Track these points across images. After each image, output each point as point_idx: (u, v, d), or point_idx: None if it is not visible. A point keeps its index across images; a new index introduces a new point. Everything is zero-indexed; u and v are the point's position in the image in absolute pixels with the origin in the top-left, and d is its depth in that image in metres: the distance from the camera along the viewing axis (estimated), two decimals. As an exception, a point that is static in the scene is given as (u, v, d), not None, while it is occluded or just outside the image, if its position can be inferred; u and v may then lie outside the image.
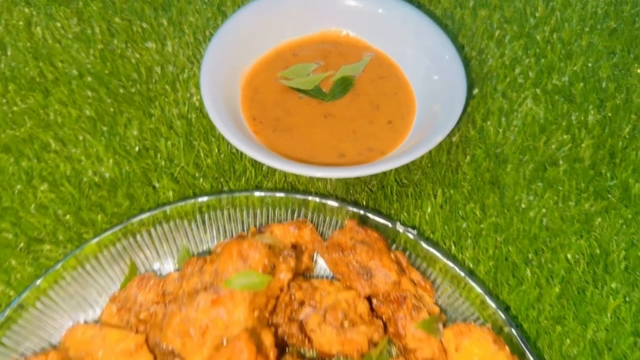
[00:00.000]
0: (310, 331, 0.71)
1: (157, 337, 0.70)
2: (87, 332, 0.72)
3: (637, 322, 0.86)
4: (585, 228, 0.93)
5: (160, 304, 0.74)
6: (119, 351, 0.69)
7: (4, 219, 0.88)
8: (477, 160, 0.99)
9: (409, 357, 0.73)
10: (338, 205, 0.84)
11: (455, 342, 0.74)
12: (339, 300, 0.73)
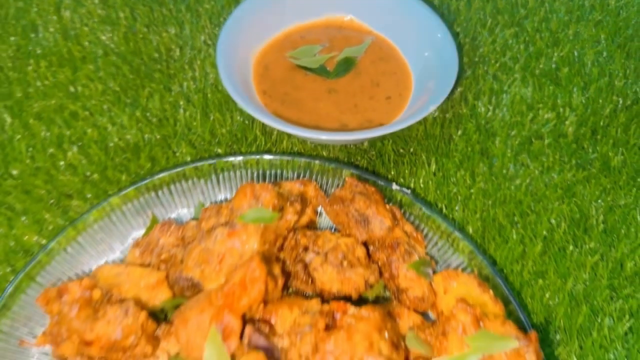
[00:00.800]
0: (313, 270, 0.79)
1: (176, 274, 0.78)
2: (114, 269, 0.80)
3: (612, 278, 0.94)
4: (567, 195, 1.01)
5: (180, 247, 0.83)
6: (142, 286, 0.78)
7: (37, 177, 0.97)
8: (468, 133, 1.07)
9: (401, 297, 0.81)
10: (339, 167, 0.93)
11: (443, 285, 0.82)
12: (339, 244, 0.81)
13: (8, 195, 0.95)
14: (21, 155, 0.99)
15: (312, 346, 0.63)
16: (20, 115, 1.04)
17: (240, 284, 0.65)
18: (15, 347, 0.80)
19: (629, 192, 1.02)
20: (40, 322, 0.81)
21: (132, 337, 0.69)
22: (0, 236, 0.91)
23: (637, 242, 0.97)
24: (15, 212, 0.94)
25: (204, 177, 0.94)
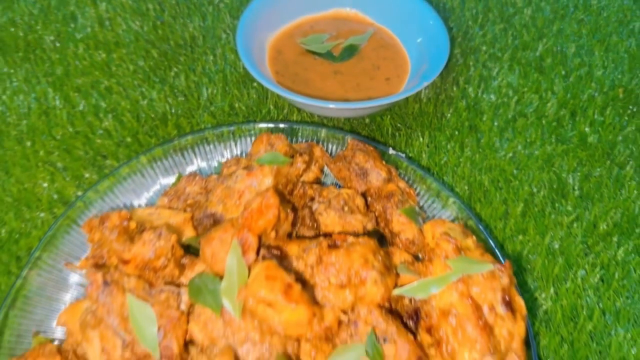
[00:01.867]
0: (318, 214, 0.91)
1: (200, 214, 0.90)
2: (146, 210, 0.92)
3: (586, 236, 1.04)
4: (546, 165, 1.13)
5: (203, 194, 0.95)
6: (170, 223, 0.90)
7: (76, 140, 1.10)
8: (458, 111, 1.20)
9: (394, 240, 0.92)
10: (343, 134, 1.05)
11: (432, 231, 0.93)
12: (341, 193, 0.93)
13: (51, 155, 1.08)
14: (62, 122, 1.12)
15: (316, 257, 0.74)
16: (62, 89, 1.18)
17: (257, 209, 0.77)
18: (56, 279, 0.92)
19: (603, 164, 1.14)
20: (79, 257, 0.93)
21: (162, 259, 0.81)
22: (44, 189, 1.04)
23: (609, 206, 1.08)
24: (57, 168, 1.06)
25: (224, 142, 1.07)
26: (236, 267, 0.73)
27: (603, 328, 0.96)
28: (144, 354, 0.74)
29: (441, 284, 0.77)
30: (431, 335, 0.79)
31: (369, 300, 0.78)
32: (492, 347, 0.74)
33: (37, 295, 0.89)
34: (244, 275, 0.74)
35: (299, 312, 0.68)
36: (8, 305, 0.87)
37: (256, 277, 0.69)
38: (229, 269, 0.73)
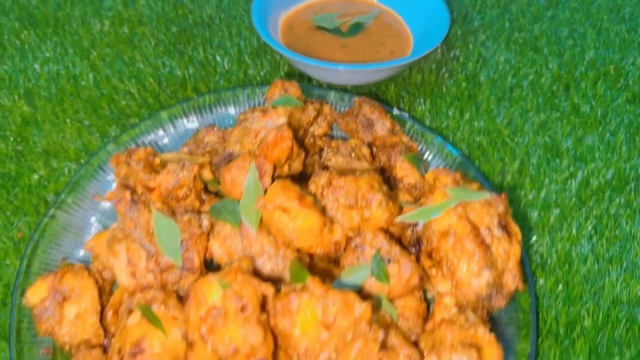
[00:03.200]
0: (327, 160, 0.98)
1: (218, 159, 0.97)
2: (167, 154, 0.99)
3: (580, 190, 1.11)
4: (542, 129, 1.20)
5: (221, 143, 1.02)
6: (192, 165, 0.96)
7: (102, 101, 1.18)
8: (458, 82, 1.27)
9: (397, 185, 0.99)
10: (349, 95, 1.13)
11: (433, 177, 0.99)
12: (349, 142, 1.00)
13: (78, 113, 1.16)
14: (89, 85, 1.21)
15: (326, 180, 0.81)
16: (88, 58, 1.27)
17: (273, 141, 0.84)
18: (81, 217, 0.98)
19: (595, 130, 1.21)
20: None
21: (185, 189, 0.87)
22: (72, 142, 1.11)
23: (601, 165, 1.14)
24: (83, 125, 1.14)
25: (239, 104, 1.14)
26: (253, 187, 0.80)
27: (597, 272, 1.01)
28: (167, 265, 0.80)
29: (441, 209, 0.84)
30: (432, 259, 0.85)
31: (374, 223, 0.84)
32: (490, 263, 0.79)
33: (64, 230, 0.96)
34: (261, 195, 0.80)
35: (311, 218, 0.74)
36: (37, 236, 0.93)
37: (273, 188, 0.76)
38: (246, 189, 0.80)
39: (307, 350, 0.69)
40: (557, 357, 0.91)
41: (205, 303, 0.67)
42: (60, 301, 0.80)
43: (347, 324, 0.68)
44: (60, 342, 0.81)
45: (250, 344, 0.64)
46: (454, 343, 0.72)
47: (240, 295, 0.65)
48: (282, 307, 0.69)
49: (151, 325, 0.74)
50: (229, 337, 0.65)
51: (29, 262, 0.91)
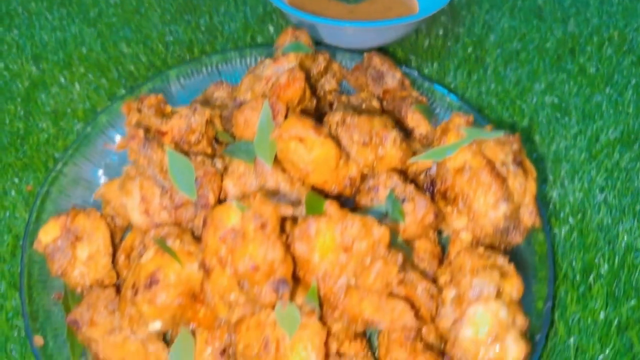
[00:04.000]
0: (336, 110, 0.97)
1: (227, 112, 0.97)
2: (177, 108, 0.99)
3: (590, 145, 1.10)
4: (549, 89, 1.20)
5: (231, 98, 1.01)
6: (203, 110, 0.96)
7: (109, 64, 1.18)
8: (465, 46, 1.28)
9: (409, 136, 0.98)
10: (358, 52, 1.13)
11: (444, 126, 0.99)
12: (359, 94, 1.00)
13: (86, 76, 1.16)
14: (97, 49, 1.21)
15: (340, 118, 0.80)
16: (95, 25, 1.27)
17: (285, 83, 0.83)
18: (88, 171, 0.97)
19: (602, 90, 1.21)
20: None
21: (197, 134, 0.87)
22: (80, 103, 1.11)
23: (610, 122, 1.14)
24: (91, 87, 1.14)
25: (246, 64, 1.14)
26: (267, 124, 0.79)
27: (610, 221, 1.00)
28: (182, 202, 0.79)
29: (455, 147, 0.83)
30: (446, 199, 0.84)
31: (388, 162, 0.83)
32: (506, 195, 0.79)
33: (73, 182, 0.95)
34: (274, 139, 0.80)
35: (328, 148, 0.74)
36: (47, 188, 0.92)
37: (288, 119, 0.75)
38: (260, 126, 0.79)
39: (326, 274, 0.68)
40: (574, 301, 0.90)
41: (223, 227, 0.67)
42: (73, 241, 0.79)
43: (365, 247, 0.67)
44: (72, 284, 0.80)
45: (269, 261, 0.63)
46: (474, 268, 0.71)
47: (260, 213, 0.64)
48: (301, 232, 0.68)
49: (166, 258, 0.73)
50: (249, 256, 0.64)
51: (39, 212, 0.90)
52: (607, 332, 0.87)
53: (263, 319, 0.70)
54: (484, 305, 0.68)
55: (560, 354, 0.85)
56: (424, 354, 0.70)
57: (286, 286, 0.64)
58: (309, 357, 0.67)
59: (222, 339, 0.76)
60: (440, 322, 0.72)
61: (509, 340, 0.67)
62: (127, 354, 0.73)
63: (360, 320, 0.70)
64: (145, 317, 0.71)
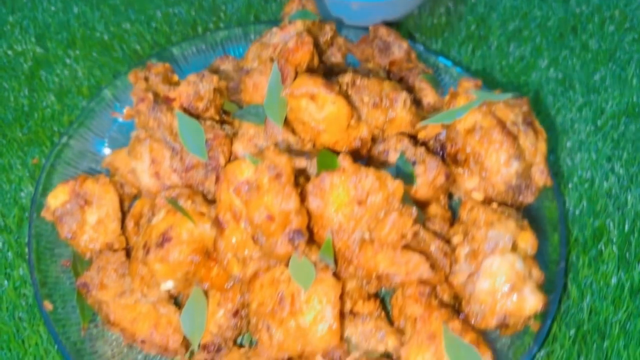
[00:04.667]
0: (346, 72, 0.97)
1: (233, 83, 0.97)
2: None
3: (595, 117, 1.11)
4: (553, 64, 1.21)
5: (237, 71, 1.01)
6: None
7: (113, 42, 1.18)
8: (468, 24, 1.28)
9: (418, 105, 0.98)
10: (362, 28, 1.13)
11: (453, 91, 0.98)
12: (366, 65, 1.00)
13: (90, 54, 1.16)
14: (100, 29, 1.21)
15: (350, 79, 0.80)
16: (99, 7, 1.27)
17: (294, 47, 0.83)
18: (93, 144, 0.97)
19: (605, 65, 1.22)
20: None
21: (205, 101, 0.86)
22: (85, 79, 1.11)
23: (613, 95, 1.15)
24: (96, 65, 1.14)
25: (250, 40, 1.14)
26: (276, 85, 0.79)
27: (618, 189, 1.00)
28: (192, 164, 0.78)
29: (465, 109, 0.83)
30: (457, 161, 0.84)
31: (398, 124, 0.83)
32: (518, 153, 0.78)
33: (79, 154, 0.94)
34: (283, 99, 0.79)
35: (339, 105, 0.73)
36: (53, 157, 0.91)
37: (299, 77, 0.75)
38: (269, 87, 0.79)
39: (341, 227, 0.67)
40: (586, 265, 0.90)
41: (237, 180, 0.66)
42: (82, 205, 0.78)
43: (380, 200, 0.67)
44: (81, 249, 0.79)
45: (285, 212, 0.63)
46: (489, 221, 0.70)
47: (275, 164, 0.63)
48: (315, 187, 0.68)
49: (178, 218, 0.72)
50: (264, 207, 0.63)
51: (46, 182, 0.88)
52: (619, 294, 0.87)
53: (277, 276, 0.70)
54: (501, 257, 0.67)
55: (574, 316, 0.84)
56: (439, 310, 0.70)
57: (301, 236, 0.64)
58: (325, 311, 0.66)
59: (235, 301, 0.75)
60: (455, 278, 0.71)
61: (526, 290, 0.66)
62: (139, 315, 0.72)
63: (375, 274, 0.69)
64: (157, 276, 0.71)
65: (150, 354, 0.76)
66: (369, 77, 0.84)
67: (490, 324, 0.67)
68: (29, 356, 0.77)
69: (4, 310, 0.81)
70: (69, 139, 0.95)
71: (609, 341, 0.81)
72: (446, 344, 0.67)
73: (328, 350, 0.66)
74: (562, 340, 0.81)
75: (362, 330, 0.73)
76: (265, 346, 0.69)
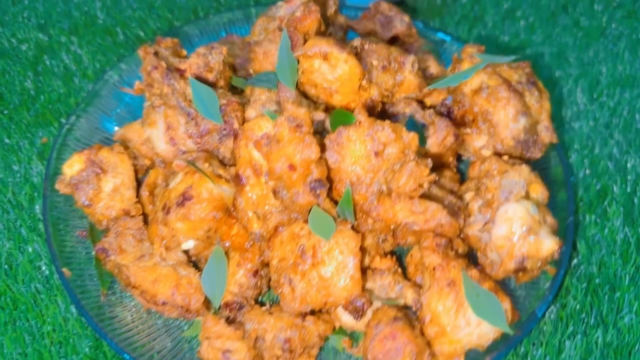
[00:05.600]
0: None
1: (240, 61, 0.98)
2: (190, 58, 1.00)
3: (592, 88, 1.14)
4: (547, 40, 1.24)
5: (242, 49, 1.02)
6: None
7: (116, 28, 1.19)
8: (464, 6, 1.32)
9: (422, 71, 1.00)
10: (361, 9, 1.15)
11: (457, 58, 1.00)
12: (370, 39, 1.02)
13: (94, 40, 1.17)
14: (103, 15, 1.22)
15: (359, 44, 0.82)
16: (100, -2, 1.28)
17: (301, 15, 0.85)
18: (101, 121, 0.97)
19: (598, 40, 1.25)
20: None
21: (215, 73, 0.87)
22: (90, 63, 1.12)
23: (607, 67, 1.18)
24: (100, 49, 1.15)
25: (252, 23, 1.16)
26: (287, 50, 0.80)
27: (618, 153, 1.03)
28: (207, 130, 0.79)
29: (471, 71, 0.85)
30: (465, 122, 0.86)
31: (406, 88, 0.85)
32: (525, 110, 0.81)
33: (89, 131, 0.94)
34: (294, 62, 0.81)
35: (351, 64, 0.75)
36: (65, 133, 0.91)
37: (311, 39, 0.77)
38: (281, 52, 0.80)
39: (358, 179, 0.68)
40: (592, 223, 0.92)
41: (256, 136, 0.67)
42: (98, 173, 0.78)
43: (396, 151, 0.68)
44: (97, 217, 0.79)
45: (306, 161, 0.64)
46: (502, 170, 0.72)
47: (295, 115, 0.65)
48: (332, 142, 0.69)
49: (197, 178, 0.73)
50: (285, 156, 0.64)
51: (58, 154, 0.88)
52: (627, 249, 0.89)
53: (297, 231, 0.71)
54: (516, 203, 0.69)
55: (584, 270, 0.86)
56: (457, 260, 0.71)
57: (323, 186, 0.65)
58: (346, 261, 0.67)
59: (254, 261, 0.75)
60: (469, 229, 0.73)
61: (542, 233, 0.68)
62: (159, 276, 0.72)
63: (394, 225, 0.71)
64: (178, 235, 0.71)
65: (171, 318, 0.76)
66: (376, 43, 0.86)
67: (509, 268, 0.68)
68: (47, 325, 0.77)
69: (20, 283, 0.81)
70: (79, 118, 0.95)
71: (619, 292, 0.83)
72: (466, 291, 0.68)
73: (351, 299, 0.67)
74: (575, 292, 0.83)
75: (381, 284, 0.74)
76: (287, 300, 0.69)
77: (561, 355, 0.76)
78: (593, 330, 0.79)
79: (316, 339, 0.69)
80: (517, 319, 0.71)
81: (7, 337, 0.75)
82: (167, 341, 0.73)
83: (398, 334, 0.64)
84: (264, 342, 0.68)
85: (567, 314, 0.80)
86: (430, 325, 0.68)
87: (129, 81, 1.01)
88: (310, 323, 0.70)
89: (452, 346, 0.68)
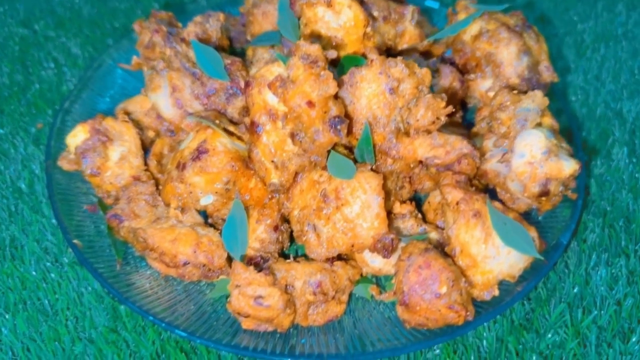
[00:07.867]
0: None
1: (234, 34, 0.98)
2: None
3: (577, 44, 1.17)
4: (529, 7, 1.28)
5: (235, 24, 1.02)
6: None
7: (103, 19, 1.18)
8: (444, -20, 1.35)
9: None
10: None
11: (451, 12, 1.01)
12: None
13: (81, 31, 1.15)
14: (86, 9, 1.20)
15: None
16: (82, -6, 1.27)
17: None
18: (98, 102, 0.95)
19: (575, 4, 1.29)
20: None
21: (213, 40, 0.87)
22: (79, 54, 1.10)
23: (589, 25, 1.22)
24: (88, 39, 1.13)
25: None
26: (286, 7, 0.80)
27: (612, 99, 1.05)
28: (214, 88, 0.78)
29: (469, 19, 0.86)
30: (468, 69, 0.87)
31: (407, 38, 0.86)
32: (526, 49, 0.82)
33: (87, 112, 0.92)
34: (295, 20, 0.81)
35: (355, 9, 0.75)
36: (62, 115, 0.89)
37: (313, -10, 0.77)
38: (280, 9, 0.80)
39: (376, 118, 0.68)
40: (599, 164, 0.93)
41: (268, 80, 0.66)
42: (104, 141, 0.76)
43: (410, 87, 0.68)
44: (105, 187, 0.76)
45: (324, 97, 0.63)
46: (514, 100, 0.72)
47: (308, 52, 0.64)
48: (345, 83, 0.68)
49: (209, 132, 0.71)
50: (302, 94, 0.63)
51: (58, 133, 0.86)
52: (635, 184, 0.90)
53: (316, 178, 0.69)
54: (533, 129, 0.69)
55: (597, 206, 0.86)
56: (478, 194, 0.71)
57: (343, 121, 0.64)
58: (370, 199, 0.66)
59: (273, 216, 0.74)
60: (487, 163, 0.73)
61: (562, 155, 0.68)
62: (178, 235, 0.69)
63: (414, 163, 0.70)
64: (196, 190, 0.69)
65: (191, 282, 0.73)
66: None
67: (534, 191, 0.68)
68: (61, 302, 0.73)
69: (27, 263, 0.77)
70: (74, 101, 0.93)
71: (635, 224, 0.84)
72: (493, 220, 0.68)
73: (379, 238, 0.66)
74: (593, 227, 0.83)
75: (404, 226, 0.73)
76: (314, 246, 0.68)
77: (589, 285, 0.76)
78: (616, 259, 0.79)
79: (346, 282, 0.68)
80: (544, 247, 0.71)
81: (19, 317, 0.71)
82: (190, 305, 0.70)
83: (432, 262, 0.63)
84: (294, 290, 0.66)
85: (588, 247, 0.80)
86: (461, 257, 0.67)
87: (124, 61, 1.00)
88: (338, 267, 0.68)
89: (485, 277, 0.67)
